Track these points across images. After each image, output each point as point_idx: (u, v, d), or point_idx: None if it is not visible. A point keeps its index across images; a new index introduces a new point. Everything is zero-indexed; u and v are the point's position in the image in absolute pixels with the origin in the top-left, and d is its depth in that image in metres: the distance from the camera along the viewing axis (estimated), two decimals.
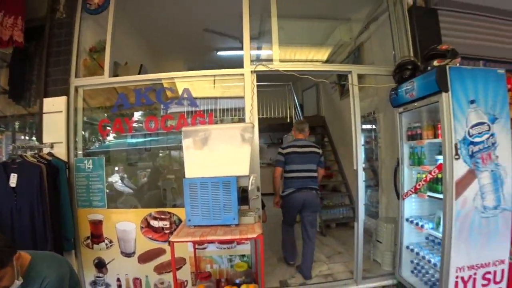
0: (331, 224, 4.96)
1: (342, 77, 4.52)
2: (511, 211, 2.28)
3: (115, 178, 3.23)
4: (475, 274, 2.24)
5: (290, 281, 3.16)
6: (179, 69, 3.15)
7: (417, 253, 2.67)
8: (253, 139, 2.37)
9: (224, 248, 2.82)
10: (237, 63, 2.96)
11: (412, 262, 2.81)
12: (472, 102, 2.17)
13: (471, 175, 2.18)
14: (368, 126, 4.34)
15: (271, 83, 5.81)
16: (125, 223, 2.86)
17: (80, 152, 2.98)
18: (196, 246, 2.76)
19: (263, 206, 3.09)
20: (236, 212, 2.08)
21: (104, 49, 3.04)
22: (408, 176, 2.80)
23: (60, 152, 2.75)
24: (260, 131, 2.98)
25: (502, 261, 2.30)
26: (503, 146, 2.22)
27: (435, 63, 2.35)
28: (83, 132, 3.07)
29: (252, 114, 2.80)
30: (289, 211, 3.29)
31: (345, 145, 2.92)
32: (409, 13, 3.25)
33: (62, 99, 2.84)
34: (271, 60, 3.06)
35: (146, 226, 2.84)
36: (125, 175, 3.32)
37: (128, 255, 2.88)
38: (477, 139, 2.17)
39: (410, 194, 2.71)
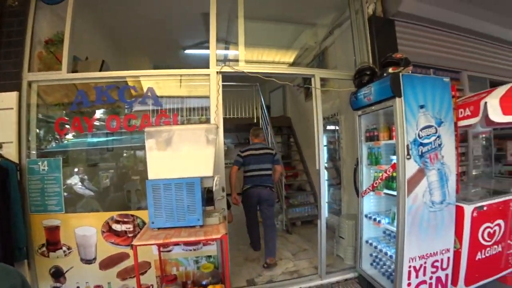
0: (296, 222, 5.11)
1: (307, 80, 4.67)
2: (454, 205, 2.55)
3: (74, 180, 3.03)
4: (425, 263, 2.46)
5: (257, 279, 3.21)
6: (144, 67, 3.06)
7: (375, 247, 2.86)
8: (217, 140, 2.38)
9: (190, 250, 2.79)
10: (205, 62, 2.94)
11: (371, 255, 3.01)
12: (422, 107, 2.37)
13: (421, 173, 2.38)
14: (332, 127, 4.55)
15: (238, 83, 5.84)
16: (85, 228, 2.71)
17: (34, 152, 2.75)
18: (161, 249, 2.70)
19: (229, 206, 3.15)
20: (200, 213, 2.07)
21: (62, 41, 2.85)
22: (367, 175, 2.99)
23: (10, 152, 2.53)
24: (227, 131, 3.00)
25: (448, 250, 2.55)
26: (448, 147, 2.46)
27: (390, 70, 2.54)
28: (37, 131, 2.84)
29: (217, 114, 2.80)
30: (248, 204, 3.69)
31: (310, 146, 3.05)
32: (369, 22, 3.45)
33: (13, 94, 2.62)
34: (237, 60, 3.08)
35: (108, 230, 2.72)
36: (86, 177, 3.14)
37: (89, 261, 2.73)
38: (426, 141, 2.38)
39: (369, 192, 2.89)
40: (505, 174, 4.48)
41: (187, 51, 5.02)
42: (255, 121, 6.65)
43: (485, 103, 2.48)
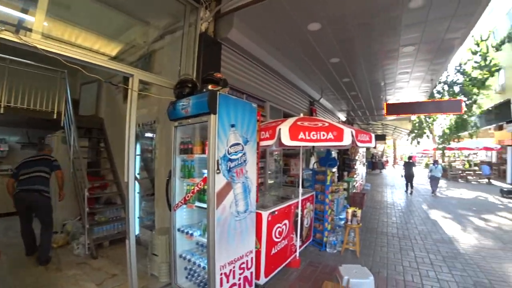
0: (104, 242, 4.34)
1: (127, 80, 4.19)
2: (255, 212, 2.96)
3: None
4: (233, 267, 2.66)
5: None
6: None
7: (189, 260, 2.83)
8: None
9: None
10: None
11: (186, 268, 2.95)
12: (233, 126, 2.60)
13: (228, 187, 2.57)
14: (150, 135, 4.27)
15: (37, 63, 4.41)
16: None
17: None
18: None
19: None
20: None
21: None
22: (180, 187, 2.94)
23: None
24: (13, 125, 2.03)
25: (251, 251, 2.91)
26: (251, 163, 2.82)
27: (210, 87, 2.64)
28: None
29: None
30: (18, 207, 3.75)
31: (123, 153, 2.62)
32: (200, 37, 3.56)
33: None
34: (31, 30, 2.24)
35: None
36: None
37: None
38: (234, 157, 2.60)
39: (181, 205, 2.84)
40: (288, 183, 5.90)
41: None
42: (55, 116, 5.14)
43: (280, 129, 3.08)
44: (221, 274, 2.51)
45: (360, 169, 11.41)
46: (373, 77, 6.89)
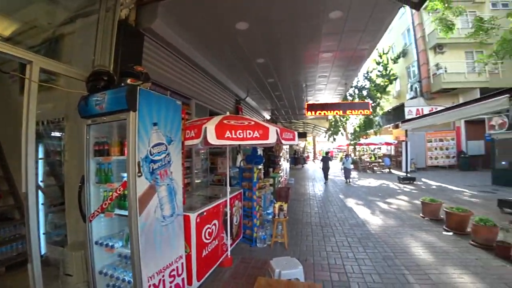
0: None
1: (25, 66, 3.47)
2: (182, 215, 2.82)
3: None
4: (163, 276, 2.47)
5: None
6: None
7: (111, 275, 2.51)
8: None
9: None
10: None
11: (108, 286, 2.58)
12: (155, 124, 2.41)
13: (152, 190, 2.38)
14: (58, 134, 3.64)
15: None
16: None
17: None
18: None
19: None
20: None
21: None
22: (95, 194, 2.59)
23: None
24: None
25: (181, 257, 2.76)
26: (176, 163, 2.67)
27: (129, 81, 2.39)
28: None
29: None
30: None
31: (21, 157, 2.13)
32: (119, 25, 3.18)
33: None
34: None
35: None
36: None
37: None
38: (157, 158, 2.42)
39: (98, 214, 2.51)
40: (216, 182, 5.88)
41: None
42: None
43: (205, 128, 3.00)
44: (149, 286, 2.31)
45: (284, 165, 12.22)
46: (296, 79, 7.44)
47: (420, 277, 3.29)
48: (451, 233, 4.78)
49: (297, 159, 23.51)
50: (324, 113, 8.26)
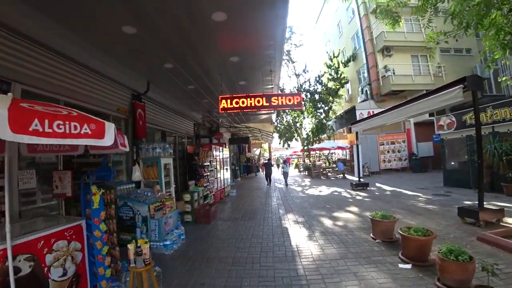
0: None
1: None
2: None
3: None
4: None
5: None
6: None
7: None
8: None
9: None
10: None
11: None
12: None
13: None
14: None
15: None
16: None
17: None
18: None
19: None
20: None
21: None
22: None
23: None
24: None
25: None
26: None
27: None
28: None
29: None
30: None
31: None
32: None
33: None
34: None
35: None
36: None
37: None
38: None
39: None
40: None
41: None
42: None
43: None
44: None
45: (224, 175, 10.43)
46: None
47: None
48: (409, 266, 3.35)
49: (250, 167, 21.80)
50: (239, 106, 6.42)
